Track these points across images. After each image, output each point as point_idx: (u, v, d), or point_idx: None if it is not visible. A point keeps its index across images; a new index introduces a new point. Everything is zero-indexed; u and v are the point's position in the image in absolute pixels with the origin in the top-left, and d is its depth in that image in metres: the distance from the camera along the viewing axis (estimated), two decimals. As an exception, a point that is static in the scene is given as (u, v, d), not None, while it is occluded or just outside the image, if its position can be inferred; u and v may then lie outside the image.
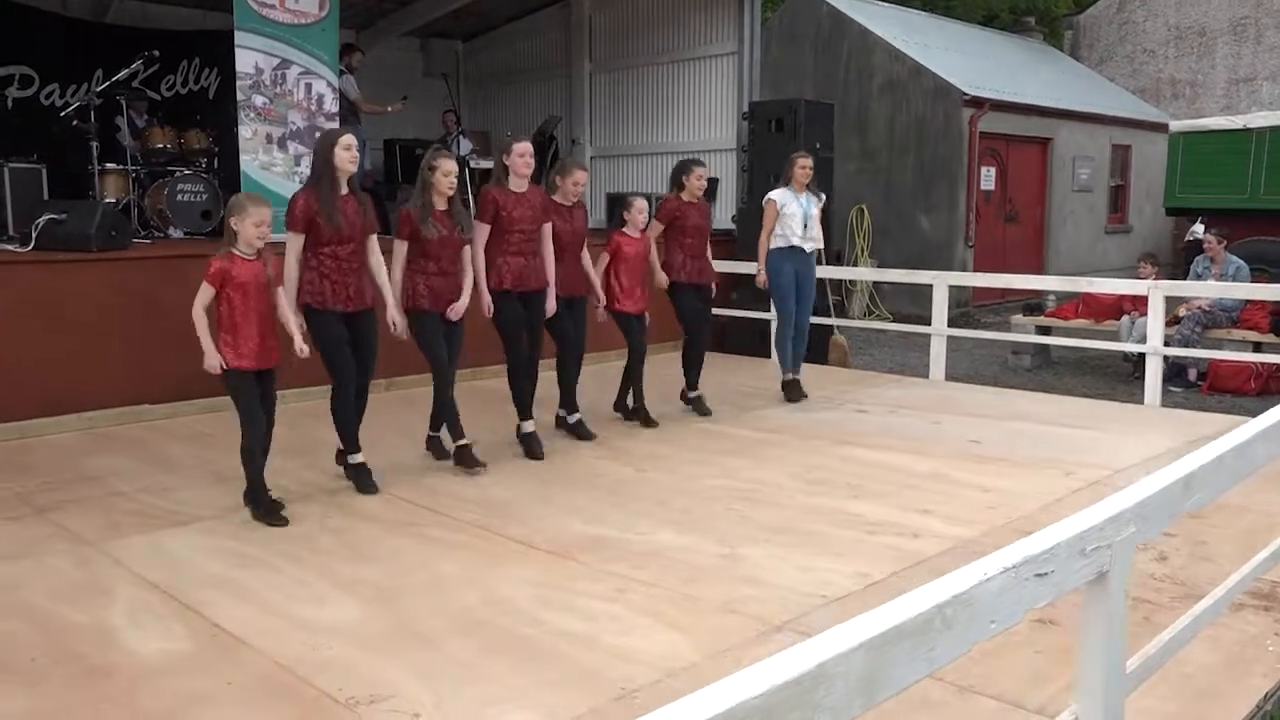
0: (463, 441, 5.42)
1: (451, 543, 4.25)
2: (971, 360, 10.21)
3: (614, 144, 11.87)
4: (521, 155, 5.63)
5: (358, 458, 5.07)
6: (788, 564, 3.93)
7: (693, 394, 6.93)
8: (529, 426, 5.72)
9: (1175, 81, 21.27)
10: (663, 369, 7.16)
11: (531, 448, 5.65)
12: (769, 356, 9.16)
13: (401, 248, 5.23)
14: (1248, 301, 8.69)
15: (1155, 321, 7.21)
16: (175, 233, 9.02)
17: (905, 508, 4.66)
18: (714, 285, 6.92)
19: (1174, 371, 8.94)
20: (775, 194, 7.09)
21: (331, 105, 8.45)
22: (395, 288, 5.18)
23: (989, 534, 4.26)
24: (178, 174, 9.30)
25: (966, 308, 13.91)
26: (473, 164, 10.41)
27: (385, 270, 5.16)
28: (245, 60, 7.92)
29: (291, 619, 3.44)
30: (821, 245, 7.35)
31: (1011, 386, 8.83)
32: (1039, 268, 15.35)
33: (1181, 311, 8.87)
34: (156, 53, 8.37)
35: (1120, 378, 9.30)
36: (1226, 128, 11.40)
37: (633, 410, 6.57)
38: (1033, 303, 10.03)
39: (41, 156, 8.58)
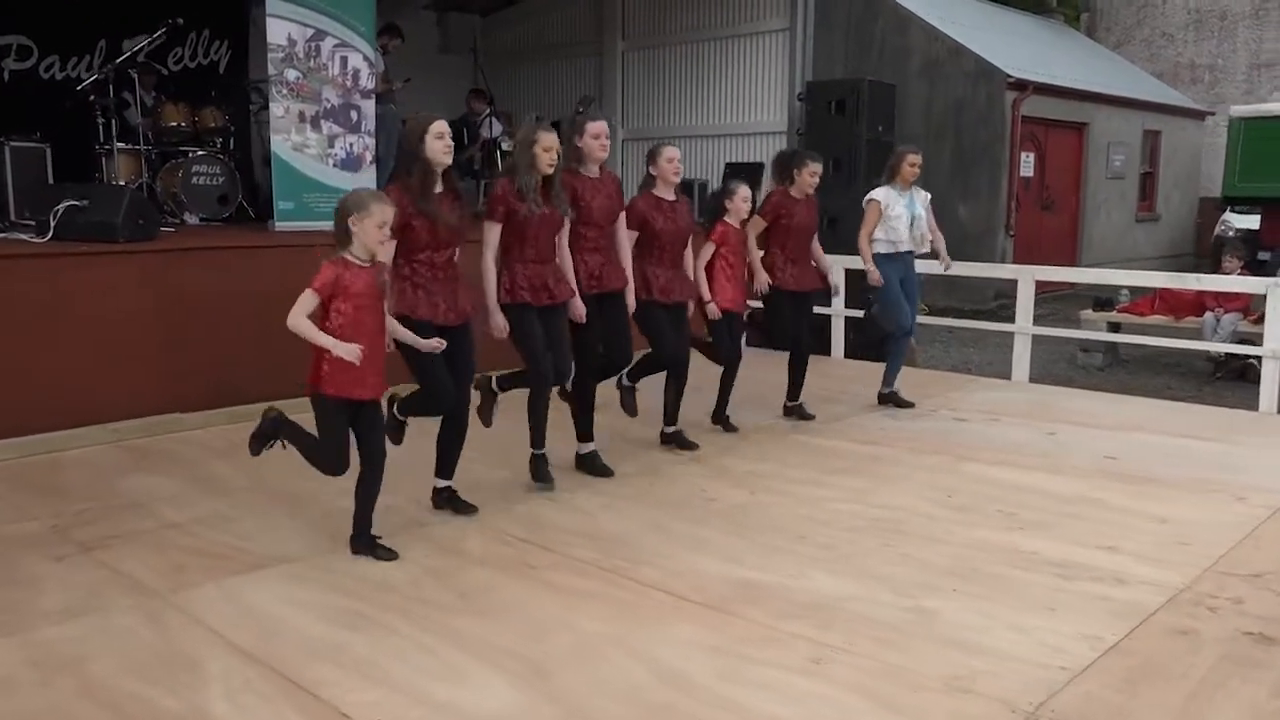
0: (541, 451, 4.85)
1: (582, 591, 3.63)
2: (1037, 358, 9.65)
3: (648, 126, 11.21)
4: (596, 136, 4.97)
5: (446, 484, 4.48)
6: (995, 622, 3.34)
7: (792, 404, 6.38)
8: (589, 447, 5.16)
9: (1195, 66, 20.85)
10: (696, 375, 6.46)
11: (596, 467, 5.10)
12: (827, 354, 8.60)
13: (494, 232, 4.59)
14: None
15: (1275, 322, 6.67)
16: (191, 218, 8.33)
17: (1083, 543, 4.09)
18: (825, 285, 6.35)
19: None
20: (879, 193, 6.45)
21: (368, 81, 7.75)
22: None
23: (1202, 580, 3.70)
24: (192, 155, 8.62)
25: (1004, 299, 13.40)
26: (505, 146, 9.74)
27: (490, 267, 4.54)
28: (277, 30, 7.20)
29: (434, 705, 2.82)
30: (939, 242, 6.66)
31: (1088, 387, 8.33)
32: (1073, 258, 14.88)
33: (1272, 309, 8.34)
34: (180, 20, 7.60)
35: (1202, 378, 8.81)
36: (1292, 113, 10.91)
37: (714, 417, 6.02)
38: (1103, 298, 9.49)
39: (44, 135, 7.85)
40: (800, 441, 5.84)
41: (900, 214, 6.41)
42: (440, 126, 4.13)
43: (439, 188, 4.18)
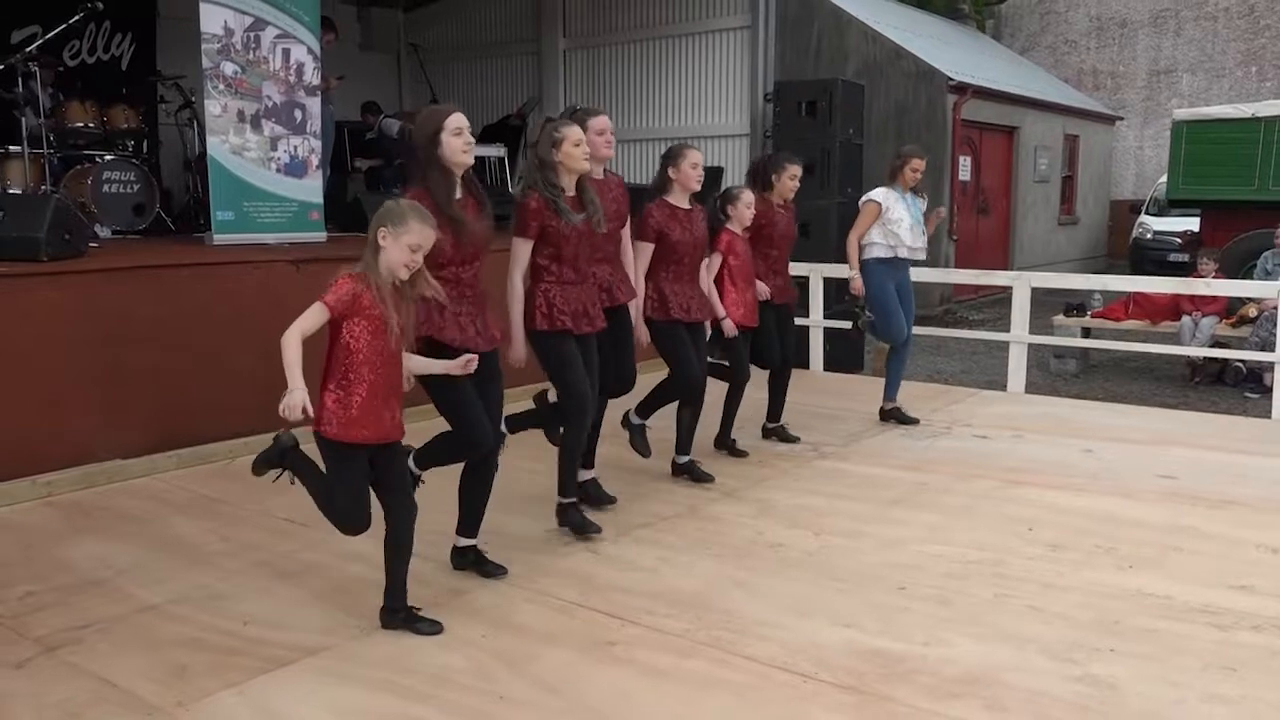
0: (570, 500, 4.27)
1: (691, 676, 3.02)
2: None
3: (594, 128, 10.59)
4: (601, 133, 4.37)
5: (470, 542, 3.80)
6: (1186, 692, 2.88)
7: (772, 425, 5.90)
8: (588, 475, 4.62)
9: (1097, 72, 21.38)
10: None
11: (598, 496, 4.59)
12: (805, 366, 8.18)
13: (526, 249, 3.95)
14: (1321, 299, 8.17)
15: (1286, 327, 6.50)
16: (103, 231, 7.34)
17: (1210, 583, 3.69)
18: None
19: (1244, 376, 8.39)
20: (879, 194, 6.02)
21: (312, 77, 6.92)
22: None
23: (1367, 622, 3.34)
24: (101, 160, 7.62)
25: (948, 304, 13.28)
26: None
27: (519, 289, 3.90)
28: (212, 18, 6.33)
29: None
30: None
31: (1072, 395, 8.13)
32: (1006, 261, 14.90)
33: (1252, 312, 8.29)
34: (100, 4, 6.63)
35: (1179, 382, 8.70)
36: (1233, 116, 10.97)
37: (718, 441, 5.53)
38: (1074, 303, 9.31)
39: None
40: (832, 469, 5.34)
41: (902, 217, 6.00)
42: (457, 121, 3.48)
43: (459, 193, 3.54)
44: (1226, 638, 3.25)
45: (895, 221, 5.98)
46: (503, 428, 3.99)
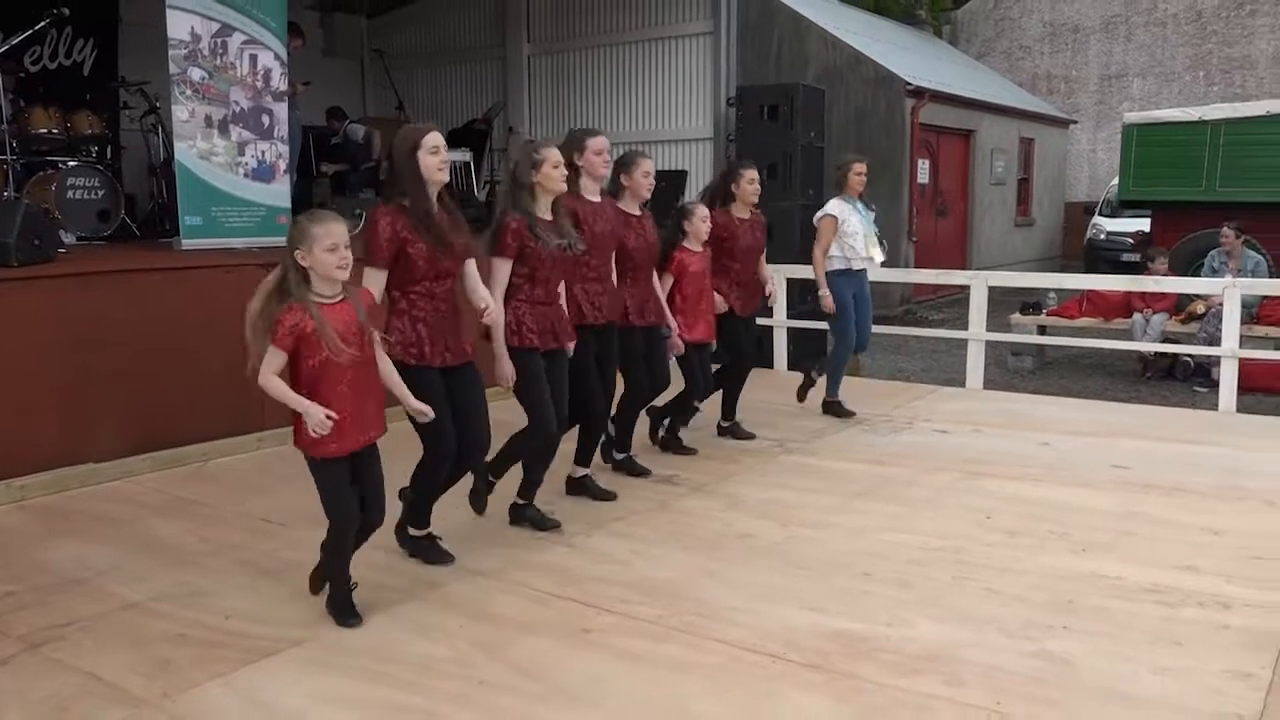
0: (522, 500, 4.42)
1: (668, 660, 3.13)
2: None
3: (559, 134, 10.68)
4: (599, 153, 4.53)
5: (424, 531, 3.93)
6: (1136, 665, 3.03)
7: (726, 423, 6.02)
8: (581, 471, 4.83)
9: (1051, 76, 21.79)
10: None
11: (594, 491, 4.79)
12: (769, 366, 8.34)
13: (506, 269, 4.05)
14: (1264, 297, 8.46)
15: (1231, 323, 6.73)
16: (68, 237, 7.31)
17: (1158, 564, 3.87)
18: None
19: (1193, 370, 8.65)
20: (833, 207, 6.19)
21: (280, 83, 6.97)
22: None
23: (1303, 597, 3.52)
24: (65, 166, 7.59)
25: (908, 305, 13.51)
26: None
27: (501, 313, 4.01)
28: (178, 24, 6.35)
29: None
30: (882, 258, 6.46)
31: (1030, 390, 8.35)
32: (964, 262, 15.17)
33: (1200, 308, 8.56)
34: (66, 10, 6.62)
35: (1132, 378, 8.95)
36: (1180, 120, 11.29)
37: (664, 441, 5.68)
38: (1030, 301, 9.55)
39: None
40: (798, 463, 5.48)
41: (856, 230, 6.18)
42: (434, 140, 3.61)
43: (434, 208, 3.64)
44: (1173, 614, 3.41)
45: (850, 234, 6.15)
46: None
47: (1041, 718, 2.74)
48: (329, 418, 3.08)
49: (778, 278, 8.42)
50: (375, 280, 3.54)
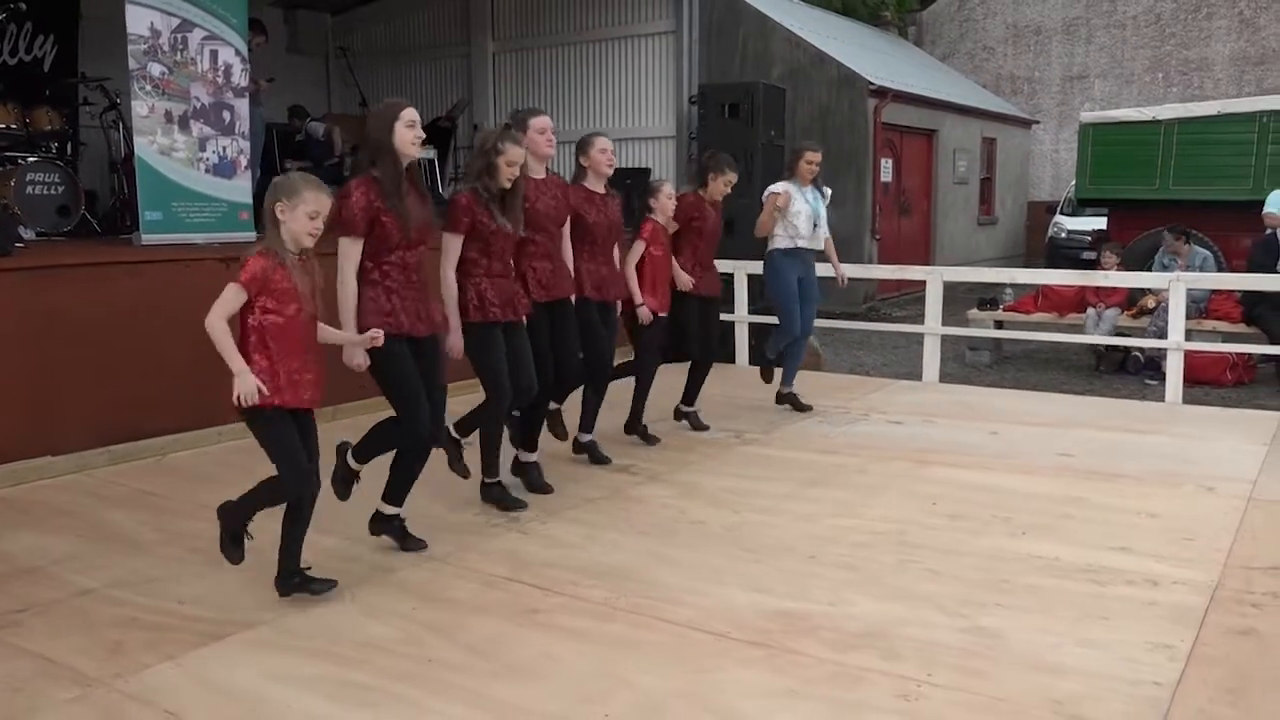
0: (494, 479, 4.52)
1: (614, 638, 3.22)
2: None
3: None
4: (542, 131, 4.61)
5: (402, 513, 3.98)
6: (1063, 639, 3.15)
7: (687, 408, 6.11)
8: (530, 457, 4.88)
9: (1014, 78, 22.10)
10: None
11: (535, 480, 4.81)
12: (731, 361, 8.44)
13: (457, 244, 4.13)
14: (1213, 292, 8.67)
15: (1177, 316, 6.91)
16: (27, 233, 7.29)
17: (1093, 545, 4.00)
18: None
19: (1144, 364, 8.84)
20: (778, 187, 6.31)
21: (241, 78, 6.99)
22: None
23: (1227, 576, 3.66)
24: (24, 161, 7.58)
25: (871, 302, 13.68)
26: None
27: (452, 282, 4.09)
28: (137, 19, 6.37)
29: (510, 795, 2.36)
30: (829, 243, 6.59)
31: (986, 384, 8.48)
32: (927, 259, 15.35)
33: (1150, 303, 8.75)
34: (24, 5, 6.61)
35: (1085, 371, 9.13)
36: (1135, 119, 11.52)
37: (628, 427, 5.73)
38: (987, 297, 9.72)
39: None
40: (754, 454, 5.58)
41: (800, 210, 6.29)
42: (411, 114, 3.72)
43: (404, 181, 3.73)
44: (1102, 592, 3.54)
45: (794, 214, 6.27)
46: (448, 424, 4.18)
47: (969, 687, 2.84)
48: (260, 391, 3.13)
49: (738, 273, 8.56)
50: (351, 250, 3.62)
